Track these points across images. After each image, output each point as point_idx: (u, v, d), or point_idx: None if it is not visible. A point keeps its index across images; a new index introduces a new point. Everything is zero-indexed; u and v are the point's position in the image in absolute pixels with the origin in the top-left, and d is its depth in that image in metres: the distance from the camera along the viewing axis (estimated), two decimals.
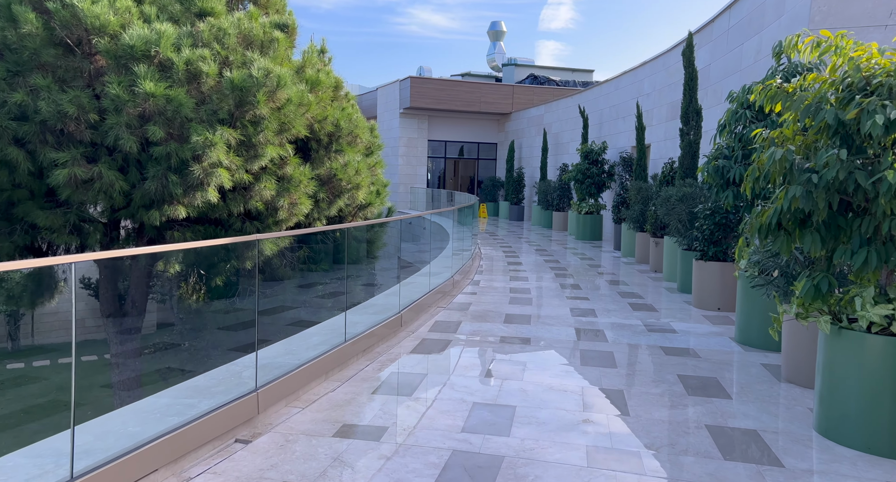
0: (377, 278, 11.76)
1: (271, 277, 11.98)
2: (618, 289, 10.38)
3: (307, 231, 9.01)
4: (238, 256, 10.10)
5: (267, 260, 11.27)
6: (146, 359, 10.80)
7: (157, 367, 10.68)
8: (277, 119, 8.89)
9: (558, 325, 7.68)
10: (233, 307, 11.61)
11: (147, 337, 12.03)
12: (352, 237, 13.04)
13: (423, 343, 6.71)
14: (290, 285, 11.62)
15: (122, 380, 11.43)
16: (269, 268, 11.80)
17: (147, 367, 11.41)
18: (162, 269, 11.49)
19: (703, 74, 13.06)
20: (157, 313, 15.04)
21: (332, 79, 10.60)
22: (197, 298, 11.19)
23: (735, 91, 7.12)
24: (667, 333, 7.37)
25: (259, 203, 9.45)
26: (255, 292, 4.99)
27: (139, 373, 11.65)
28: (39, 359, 17.79)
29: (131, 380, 11.56)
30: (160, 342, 11.03)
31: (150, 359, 10.84)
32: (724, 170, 7.34)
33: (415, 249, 12.80)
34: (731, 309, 8.60)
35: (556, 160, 24.30)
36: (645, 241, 13.49)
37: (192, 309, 11.97)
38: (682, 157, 11.14)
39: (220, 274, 10.48)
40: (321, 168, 10.50)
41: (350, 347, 5.73)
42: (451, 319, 7.91)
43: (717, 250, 8.65)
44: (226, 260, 10.37)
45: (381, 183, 13.35)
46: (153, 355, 10.78)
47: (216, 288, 10.77)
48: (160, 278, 12.14)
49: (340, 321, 6.61)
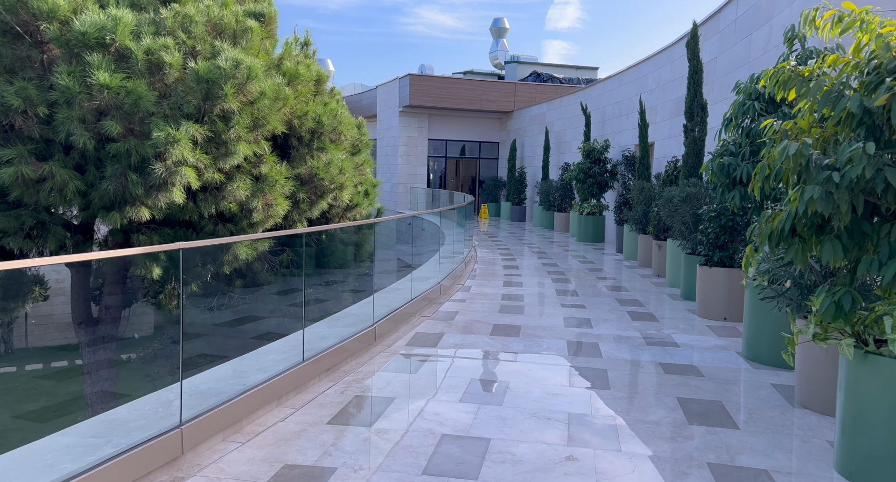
0: (360, 285, 11.13)
1: (252, 283, 11.38)
2: (617, 296, 9.73)
3: (242, 238, 8.39)
4: (214, 261, 9.51)
5: (247, 264, 10.69)
6: (85, 380, 10.15)
7: (94, 390, 9.98)
8: (250, 114, 8.28)
9: (549, 338, 7.05)
10: (188, 320, 10.89)
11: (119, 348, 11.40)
12: (338, 240, 12.46)
13: (397, 359, 6.09)
14: (270, 291, 11.02)
15: (94, 391, 10.86)
16: (249, 273, 11.21)
17: (78, 390, 10.66)
18: (142, 274, 10.92)
19: (709, 68, 12.40)
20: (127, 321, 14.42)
21: (313, 72, 9.99)
22: (164, 306, 10.59)
23: (742, 81, 6.48)
24: (667, 347, 6.73)
25: (233, 204, 8.85)
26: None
27: (114, 385, 11.08)
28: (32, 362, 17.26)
29: (105, 393, 10.99)
30: (110, 359, 10.36)
31: (89, 379, 10.19)
32: (729, 168, 6.70)
33: (403, 253, 12.19)
34: (738, 319, 7.95)
35: (559, 159, 23.65)
36: (647, 243, 12.84)
37: (150, 321, 11.33)
38: (686, 155, 10.49)
39: (193, 280, 9.87)
40: (301, 167, 9.90)
41: (309, 367, 5.11)
42: (434, 331, 7.29)
43: (722, 255, 8.00)
44: (202, 265, 9.78)
45: (371, 183, 12.75)
46: (96, 374, 10.13)
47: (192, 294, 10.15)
48: (135, 283, 11.56)
49: (308, 334, 6.00)
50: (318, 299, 10.46)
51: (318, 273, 12.08)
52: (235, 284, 11.15)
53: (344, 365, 5.77)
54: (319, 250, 12.06)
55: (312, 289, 11.19)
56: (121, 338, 10.36)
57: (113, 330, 10.90)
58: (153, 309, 11.92)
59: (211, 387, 4.32)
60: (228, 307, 10.45)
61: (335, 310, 7.46)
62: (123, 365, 10.12)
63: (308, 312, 10.69)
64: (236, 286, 11.17)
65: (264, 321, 9.95)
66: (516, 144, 27.39)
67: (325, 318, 6.82)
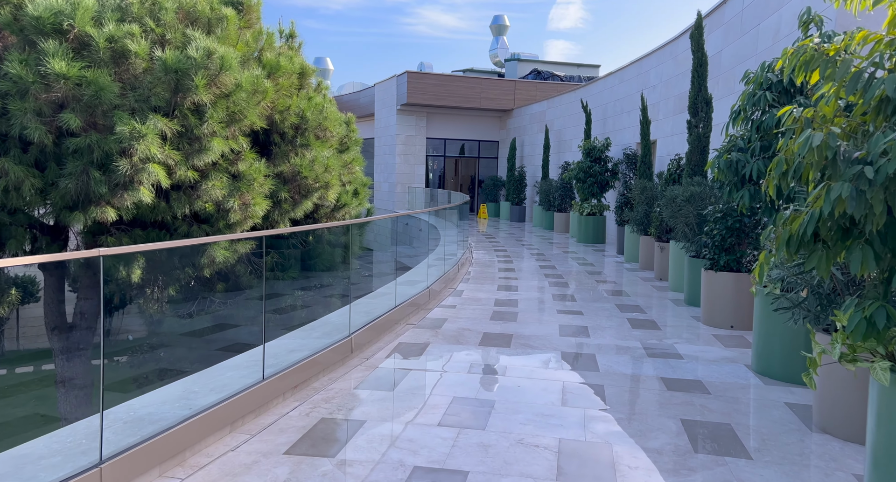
0: (344, 290, 10.60)
1: (236, 287, 10.86)
2: (617, 301, 9.20)
3: (184, 242, 7.87)
4: (190, 264, 9.00)
5: (230, 267, 10.18)
6: (23, 400, 9.58)
7: (39, 411, 9.39)
8: (225, 108, 7.77)
9: (542, 349, 6.52)
10: (157, 329, 10.31)
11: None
12: (326, 242, 11.94)
13: (375, 374, 5.57)
14: (251, 296, 10.50)
15: (69, 400, 10.36)
16: (232, 277, 10.69)
17: (19, 411, 10.05)
18: (125, 278, 10.41)
19: (714, 62, 11.86)
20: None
21: (296, 64, 9.47)
22: (145, 310, 10.08)
23: (752, 70, 5.95)
24: (670, 359, 6.19)
25: (208, 204, 8.34)
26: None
27: (88, 393, 10.58)
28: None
29: (79, 400, 10.49)
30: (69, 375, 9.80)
31: (35, 398, 9.63)
32: (738, 165, 6.17)
33: (390, 256, 11.67)
34: (747, 327, 7.42)
35: (559, 158, 23.11)
36: (649, 245, 12.30)
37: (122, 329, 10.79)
38: (690, 153, 9.95)
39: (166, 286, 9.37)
40: (284, 165, 9.38)
41: (272, 386, 4.59)
42: (418, 341, 6.77)
43: (729, 259, 7.46)
44: (180, 268, 9.26)
45: (361, 181, 12.23)
46: (42, 392, 9.58)
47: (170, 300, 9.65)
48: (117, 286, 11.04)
49: (276, 347, 5.49)
50: (294, 306, 9.93)
51: (304, 277, 11.56)
52: (217, 288, 10.64)
53: (315, 381, 5.24)
54: (306, 253, 11.55)
55: (292, 295, 10.67)
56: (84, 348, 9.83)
57: (88, 336, 10.41)
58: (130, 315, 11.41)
59: (152, 411, 3.80)
60: (205, 313, 9.92)
61: (313, 317, 6.94)
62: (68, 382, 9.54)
63: (284, 320, 10.15)
64: (218, 290, 10.66)
65: (237, 330, 9.42)
66: (516, 143, 26.85)
67: (299, 328, 6.30)
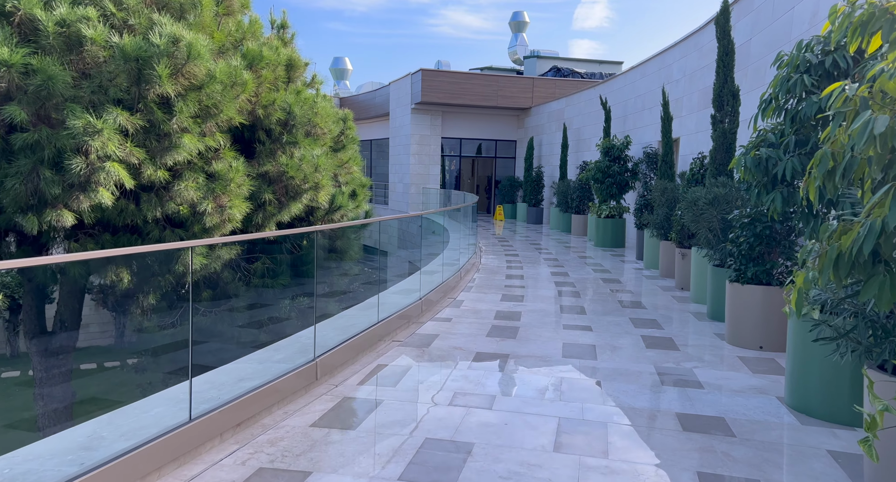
0: (330, 301, 9.84)
1: (223, 294, 10.16)
2: (632, 314, 8.34)
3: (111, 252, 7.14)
4: (161, 272, 8.32)
5: (216, 273, 9.48)
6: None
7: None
8: (196, 101, 7.06)
9: (541, 373, 5.70)
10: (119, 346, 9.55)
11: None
12: (319, 246, 11.20)
13: (340, 406, 4.79)
14: (239, 304, 9.79)
15: (47, 412, 9.75)
16: (220, 283, 10.00)
17: None
18: (112, 283, 9.77)
19: (742, 52, 10.93)
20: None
21: (282, 56, 8.74)
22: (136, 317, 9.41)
23: (785, 52, 5.08)
24: (689, 388, 5.34)
25: (183, 206, 7.64)
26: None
27: (70, 404, 9.97)
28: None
29: (59, 411, 9.89)
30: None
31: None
32: (768, 162, 5.30)
33: (394, 261, 10.92)
34: (778, 348, 6.54)
35: (577, 158, 22.19)
36: (670, 251, 11.40)
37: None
38: (715, 151, 9.06)
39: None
40: (269, 164, 8.66)
41: (201, 427, 3.83)
42: (400, 362, 5.99)
43: (758, 270, 6.58)
44: (155, 276, 8.58)
45: (359, 182, 11.49)
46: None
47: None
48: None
49: (224, 374, 4.75)
50: (275, 318, 9.18)
51: (298, 283, 10.84)
52: (202, 296, 9.95)
53: (266, 416, 4.48)
54: (298, 258, 10.82)
55: (277, 305, 9.94)
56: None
57: (69, 342, 9.81)
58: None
59: (31, 468, 3.07)
60: (170, 328, 9.21)
61: (286, 334, 6.18)
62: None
63: (255, 336, 9.38)
64: (204, 298, 9.97)
65: (198, 349, 8.67)
66: (533, 142, 25.97)
67: (265, 347, 5.55)
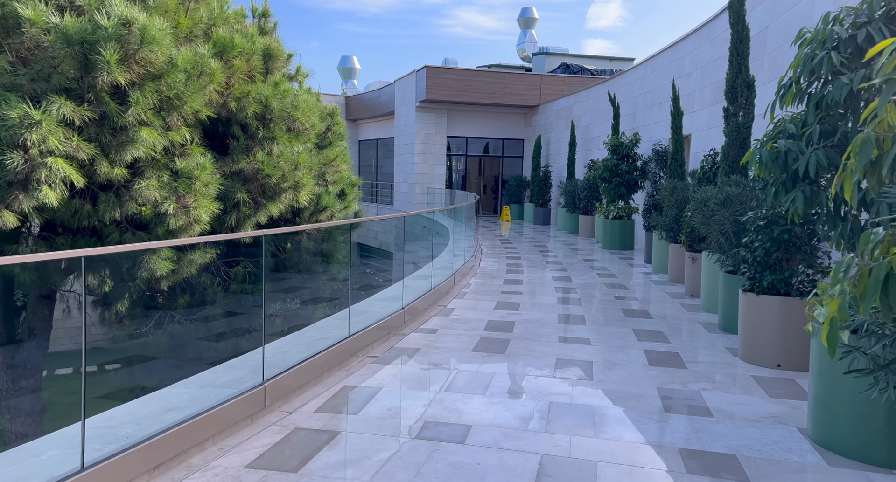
0: (304, 310, 9.18)
1: (201, 301, 9.53)
2: (636, 325, 7.64)
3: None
4: (119, 278, 7.71)
5: (193, 277, 8.87)
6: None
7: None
8: (155, 91, 6.43)
9: (526, 397, 5.02)
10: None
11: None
12: (304, 250, 10.57)
13: (287, 440, 4.13)
14: (215, 311, 9.16)
15: (14, 428, 9.17)
16: (199, 289, 9.37)
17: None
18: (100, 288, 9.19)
19: (759, 41, 10.19)
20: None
21: (258, 44, 8.11)
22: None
23: (808, 28, 4.37)
24: (695, 417, 4.64)
25: (145, 207, 7.02)
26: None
27: (39, 418, 9.39)
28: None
29: (28, 424, 9.31)
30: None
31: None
32: (787, 157, 4.59)
33: (384, 265, 10.25)
34: (798, 367, 5.81)
35: (586, 157, 21.45)
36: (679, 254, 10.67)
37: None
38: (727, 146, 8.33)
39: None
40: (243, 161, 8.03)
41: (98, 475, 3.18)
42: (370, 383, 5.32)
43: (774, 279, 5.86)
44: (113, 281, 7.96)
45: (348, 181, 10.84)
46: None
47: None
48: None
49: (148, 404, 4.11)
50: (239, 331, 8.52)
51: (281, 289, 10.21)
52: (179, 303, 9.33)
53: (196, 453, 3.83)
54: (281, 262, 10.20)
55: (249, 314, 9.30)
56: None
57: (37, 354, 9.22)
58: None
59: None
60: (132, 339, 8.60)
61: (242, 350, 5.53)
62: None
63: (207, 353, 8.73)
64: (180, 305, 9.35)
65: (131, 371, 8.00)
66: (541, 141, 25.24)
67: (212, 368, 4.90)
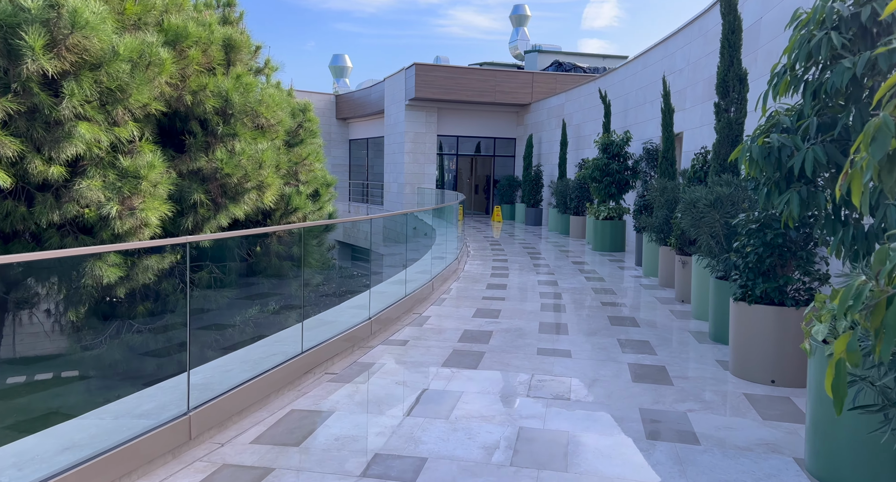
0: (266, 320, 8.65)
1: (163, 309, 8.99)
2: (622, 334, 7.13)
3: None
4: (61, 286, 7.18)
5: (154, 281, 8.35)
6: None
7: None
8: (93, 81, 5.91)
9: (493, 422, 4.50)
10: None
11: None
12: (274, 254, 10.04)
13: (209, 480, 3.61)
14: (173, 321, 8.61)
15: None
16: (160, 296, 8.84)
17: None
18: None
19: (751, 34, 9.70)
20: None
21: (217, 34, 7.58)
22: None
23: (804, 8, 3.87)
24: (680, 445, 4.13)
25: (88, 209, 6.49)
26: None
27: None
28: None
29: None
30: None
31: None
32: (781, 153, 4.08)
33: (327, 276, 9.73)
34: (795, 383, 5.31)
35: (577, 156, 20.94)
36: (670, 258, 10.17)
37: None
38: (718, 144, 7.84)
39: None
40: (201, 159, 7.51)
41: None
42: (321, 406, 4.80)
43: (768, 287, 5.36)
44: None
45: (322, 181, 10.32)
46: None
47: None
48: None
49: (57, 437, 3.59)
50: (160, 352, 7.95)
51: (248, 295, 9.69)
52: (138, 311, 8.79)
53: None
54: (248, 267, 9.67)
55: (211, 327, 8.77)
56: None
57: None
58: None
59: None
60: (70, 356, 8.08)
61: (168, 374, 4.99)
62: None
63: (147, 371, 8.22)
64: (139, 313, 8.81)
65: (45, 396, 7.42)
66: (532, 140, 24.74)
67: (130, 395, 4.36)
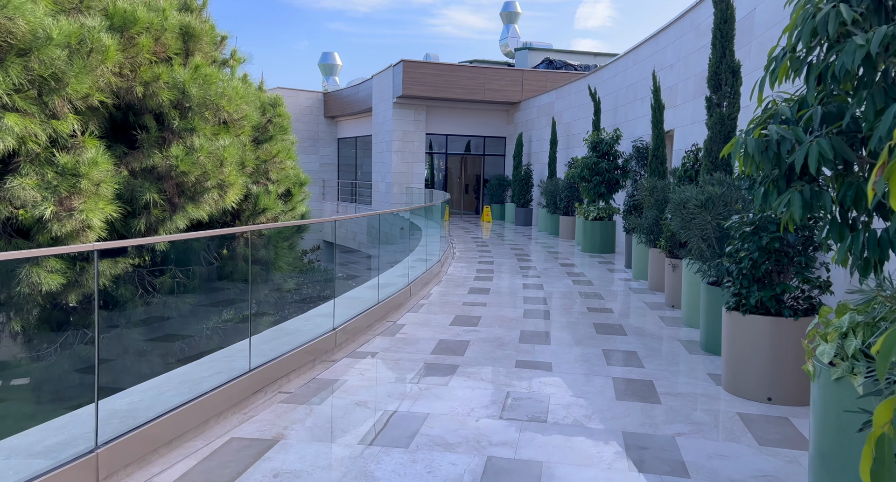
0: (224, 331, 8.12)
1: (124, 318, 8.46)
2: (608, 344, 6.65)
3: None
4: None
5: (109, 286, 7.83)
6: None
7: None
8: (22, 68, 5.38)
9: (458, 451, 4.00)
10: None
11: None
12: (241, 257, 9.53)
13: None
14: (134, 330, 8.09)
15: None
16: (118, 301, 8.31)
17: None
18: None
19: (745, 26, 9.23)
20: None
21: (172, 21, 7.05)
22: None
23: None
24: (668, 477, 3.64)
25: (22, 210, 5.96)
26: None
27: None
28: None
29: None
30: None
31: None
32: (780, 146, 3.59)
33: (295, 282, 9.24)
34: (794, 400, 4.84)
35: (567, 154, 20.47)
36: (660, 260, 9.70)
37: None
38: (710, 141, 7.37)
39: None
40: (155, 156, 6.98)
41: None
42: (264, 434, 4.29)
43: (764, 295, 4.89)
44: None
45: (294, 180, 9.80)
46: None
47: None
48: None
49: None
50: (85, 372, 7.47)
51: (212, 301, 9.17)
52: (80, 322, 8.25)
53: None
54: (214, 271, 9.15)
55: (163, 336, 8.25)
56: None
57: None
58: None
59: None
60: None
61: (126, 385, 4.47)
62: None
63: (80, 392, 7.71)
64: (79, 324, 8.27)
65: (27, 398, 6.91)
66: (522, 139, 24.26)
67: (37, 427, 3.83)
